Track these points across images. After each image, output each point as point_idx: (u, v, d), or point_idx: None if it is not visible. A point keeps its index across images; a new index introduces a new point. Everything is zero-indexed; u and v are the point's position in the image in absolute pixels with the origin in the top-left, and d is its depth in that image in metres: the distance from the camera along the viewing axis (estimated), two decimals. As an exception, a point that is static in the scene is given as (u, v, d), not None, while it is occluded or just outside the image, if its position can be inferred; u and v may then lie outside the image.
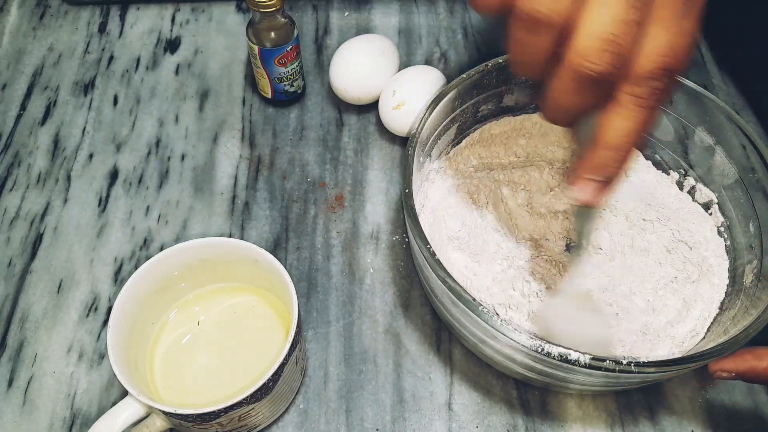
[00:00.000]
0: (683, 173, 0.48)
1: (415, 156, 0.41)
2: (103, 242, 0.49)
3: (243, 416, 0.36)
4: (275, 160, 0.53)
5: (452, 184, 0.48)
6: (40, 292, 0.46)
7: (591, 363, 0.33)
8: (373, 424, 0.41)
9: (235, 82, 0.58)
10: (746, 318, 0.38)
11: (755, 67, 0.58)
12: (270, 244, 0.49)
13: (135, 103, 0.57)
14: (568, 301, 0.41)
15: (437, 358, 0.44)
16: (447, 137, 0.47)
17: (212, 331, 0.41)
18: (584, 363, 0.33)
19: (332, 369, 0.43)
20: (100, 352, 0.44)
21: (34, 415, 0.42)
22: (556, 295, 0.42)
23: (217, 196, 0.51)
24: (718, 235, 0.46)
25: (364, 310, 0.46)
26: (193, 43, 0.61)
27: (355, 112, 0.56)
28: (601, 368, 0.33)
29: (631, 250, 0.45)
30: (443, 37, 0.61)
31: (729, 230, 0.45)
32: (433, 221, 0.45)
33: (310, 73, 0.59)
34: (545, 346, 0.34)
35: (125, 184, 0.52)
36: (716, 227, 0.46)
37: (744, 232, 0.43)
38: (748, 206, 0.43)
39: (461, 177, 0.48)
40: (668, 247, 0.45)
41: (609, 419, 0.41)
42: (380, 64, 0.52)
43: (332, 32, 0.62)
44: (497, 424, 0.41)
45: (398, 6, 0.64)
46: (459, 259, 0.44)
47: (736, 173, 0.44)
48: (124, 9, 0.63)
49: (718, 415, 0.42)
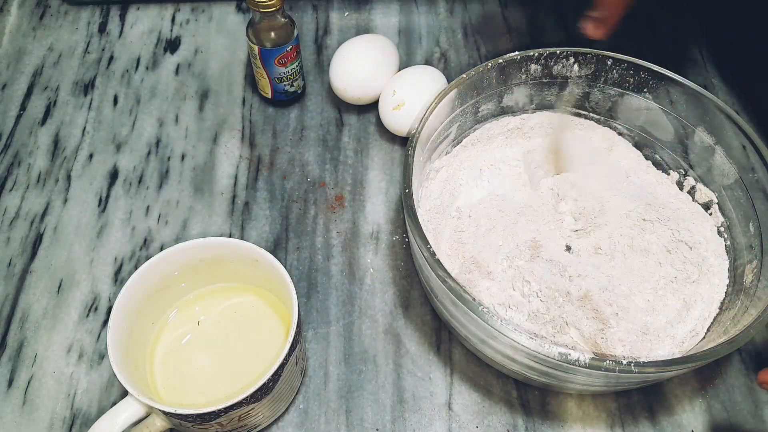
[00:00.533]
0: (683, 173, 0.48)
1: (415, 156, 0.41)
2: (103, 242, 0.49)
3: (243, 416, 0.36)
4: (275, 160, 0.53)
5: (452, 183, 0.48)
6: (40, 292, 0.46)
7: (591, 363, 0.33)
8: (373, 424, 0.41)
9: (235, 82, 0.58)
10: (746, 318, 0.38)
11: (755, 67, 0.58)
12: (270, 244, 0.49)
13: (135, 103, 0.57)
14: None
15: (437, 358, 0.44)
16: (447, 137, 0.47)
17: (212, 331, 0.41)
18: (584, 363, 0.33)
19: (332, 369, 0.43)
20: (100, 352, 0.44)
21: (34, 415, 0.42)
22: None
23: (217, 196, 0.51)
24: (718, 235, 0.46)
25: (364, 310, 0.46)
26: (193, 43, 0.61)
27: (355, 112, 0.56)
28: (601, 368, 0.33)
29: (631, 250, 0.45)
30: (443, 37, 0.61)
31: (729, 230, 0.45)
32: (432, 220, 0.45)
33: (310, 73, 0.59)
34: (545, 346, 0.34)
35: (125, 184, 0.52)
36: (716, 227, 0.46)
37: (744, 232, 0.43)
38: (748, 206, 0.43)
39: (461, 175, 0.48)
40: (668, 247, 0.45)
41: (609, 419, 0.41)
42: (380, 64, 0.52)
43: (332, 32, 0.62)
44: (497, 424, 0.41)
45: (398, 6, 0.64)
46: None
47: (736, 173, 0.44)
48: (124, 9, 0.63)
49: (718, 415, 0.42)
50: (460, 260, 0.44)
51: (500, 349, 0.37)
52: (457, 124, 0.47)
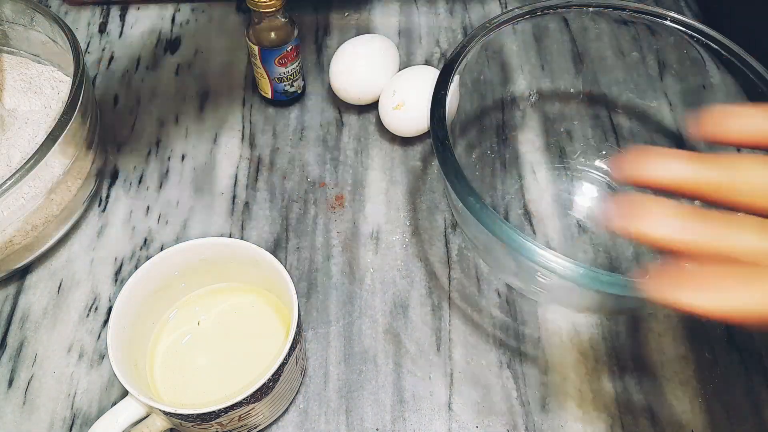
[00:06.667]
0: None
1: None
2: (103, 242, 0.49)
3: (243, 416, 0.36)
4: (275, 160, 0.53)
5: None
6: (40, 292, 0.46)
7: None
8: (373, 424, 0.41)
9: (235, 82, 0.58)
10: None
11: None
12: (270, 244, 0.49)
13: (135, 103, 0.57)
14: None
15: (437, 358, 0.44)
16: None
17: (212, 331, 0.41)
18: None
19: (332, 369, 0.43)
20: (100, 352, 0.44)
21: (34, 415, 0.42)
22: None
23: (217, 196, 0.51)
24: None
25: (364, 310, 0.46)
26: (193, 43, 0.61)
27: (355, 112, 0.56)
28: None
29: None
30: (443, 37, 0.61)
31: None
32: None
33: (310, 73, 0.59)
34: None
35: (125, 184, 0.52)
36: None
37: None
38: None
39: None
40: None
41: (609, 419, 0.42)
42: (380, 64, 0.52)
43: (332, 32, 0.62)
44: (497, 424, 0.41)
45: (398, 6, 0.64)
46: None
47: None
48: (125, 9, 0.64)
49: (718, 415, 0.42)
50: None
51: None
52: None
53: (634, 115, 0.50)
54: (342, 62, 0.52)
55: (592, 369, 0.43)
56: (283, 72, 0.52)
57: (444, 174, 0.37)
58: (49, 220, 0.46)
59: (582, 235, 0.48)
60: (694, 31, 0.44)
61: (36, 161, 0.41)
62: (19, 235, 0.44)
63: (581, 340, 0.44)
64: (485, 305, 0.46)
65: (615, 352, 0.44)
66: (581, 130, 0.52)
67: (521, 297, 0.46)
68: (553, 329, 0.45)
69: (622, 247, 0.47)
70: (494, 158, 0.51)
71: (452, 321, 0.45)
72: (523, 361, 0.43)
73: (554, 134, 0.52)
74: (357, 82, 0.52)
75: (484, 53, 0.44)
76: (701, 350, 0.44)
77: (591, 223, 0.48)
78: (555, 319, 0.45)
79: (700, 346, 0.44)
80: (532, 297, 0.45)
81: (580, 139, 0.52)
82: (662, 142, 0.49)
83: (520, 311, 0.45)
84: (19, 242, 0.44)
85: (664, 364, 0.43)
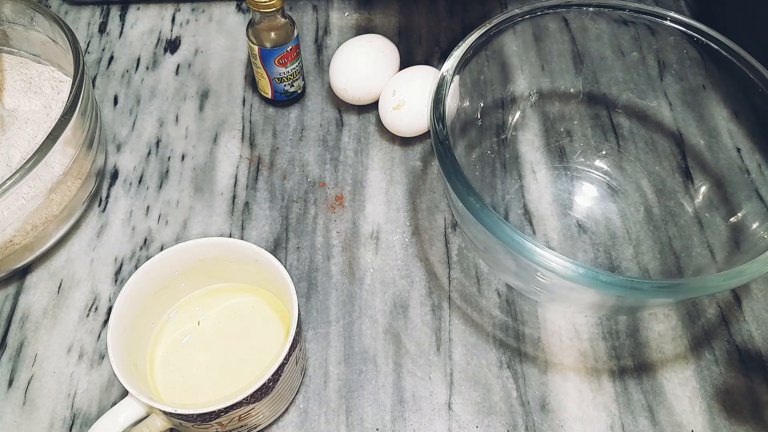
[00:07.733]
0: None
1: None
2: (103, 242, 0.49)
3: (243, 416, 0.36)
4: (275, 160, 0.53)
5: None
6: (40, 292, 0.46)
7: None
8: (373, 424, 0.41)
9: (235, 82, 0.58)
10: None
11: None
12: (270, 244, 0.49)
13: (135, 103, 0.57)
14: None
15: (437, 358, 0.44)
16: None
17: (212, 331, 0.41)
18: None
19: (332, 369, 0.43)
20: (100, 352, 0.44)
21: (34, 415, 0.42)
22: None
23: (217, 196, 0.51)
24: None
25: (364, 310, 0.46)
26: (193, 43, 0.61)
27: (355, 112, 0.56)
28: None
29: None
30: (443, 37, 0.61)
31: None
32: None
33: (310, 73, 0.59)
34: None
35: (125, 184, 0.52)
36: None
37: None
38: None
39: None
40: None
41: (609, 419, 0.42)
42: (380, 64, 0.52)
43: (332, 32, 0.62)
44: (497, 424, 0.41)
45: (398, 6, 0.64)
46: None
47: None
48: (125, 9, 0.64)
49: (718, 415, 0.42)
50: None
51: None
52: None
53: (634, 115, 0.50)
54: (342, 62, 0.52)
55: (592, 369, 0.43)
56: (283, 72, 0.52)
57: (444, 174, 0.37)
58: (49, 220, 0.46)
59: (582, 235, 0.48)
60: (694, 31, 0.44)
61: (36, 161, 0.41)
62: (19, 235, 0.44)
63: (581, 340, 0.44)
64: (485, 305, 0.46)
65: (615, 352, 0.44)
66: (581, 130, 0.52)
67: (521, 297, 0.46)
68: (553, 329, 0.45)
69: (622, 247, 0.47)
70: (494, 158, 0.51)
71: (452, 321, 0.45)
72: (523, 361, 0.43)
73: (554, 134, 0.52)
74: (357, 82, 0.52)
75: (484, 53, 0.44)
76: (701, 350, 0.44)
77: (591, 223, 0.48)
78: (555, 319, 0.45)
79: (700, 346, 0.44)
80: (532, 297, 0.45)
81: (580, 139, 0.52)
82: (662, 142, 0.49)
83: (520, 311, 0.45)
84: (19, 242, 0.44)
85: (664, 364, 0.43)
